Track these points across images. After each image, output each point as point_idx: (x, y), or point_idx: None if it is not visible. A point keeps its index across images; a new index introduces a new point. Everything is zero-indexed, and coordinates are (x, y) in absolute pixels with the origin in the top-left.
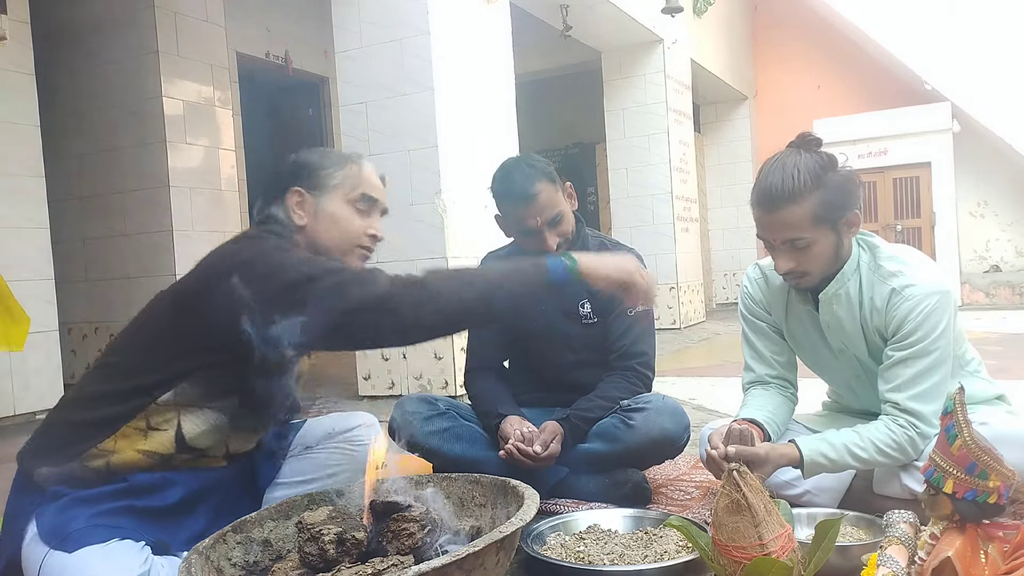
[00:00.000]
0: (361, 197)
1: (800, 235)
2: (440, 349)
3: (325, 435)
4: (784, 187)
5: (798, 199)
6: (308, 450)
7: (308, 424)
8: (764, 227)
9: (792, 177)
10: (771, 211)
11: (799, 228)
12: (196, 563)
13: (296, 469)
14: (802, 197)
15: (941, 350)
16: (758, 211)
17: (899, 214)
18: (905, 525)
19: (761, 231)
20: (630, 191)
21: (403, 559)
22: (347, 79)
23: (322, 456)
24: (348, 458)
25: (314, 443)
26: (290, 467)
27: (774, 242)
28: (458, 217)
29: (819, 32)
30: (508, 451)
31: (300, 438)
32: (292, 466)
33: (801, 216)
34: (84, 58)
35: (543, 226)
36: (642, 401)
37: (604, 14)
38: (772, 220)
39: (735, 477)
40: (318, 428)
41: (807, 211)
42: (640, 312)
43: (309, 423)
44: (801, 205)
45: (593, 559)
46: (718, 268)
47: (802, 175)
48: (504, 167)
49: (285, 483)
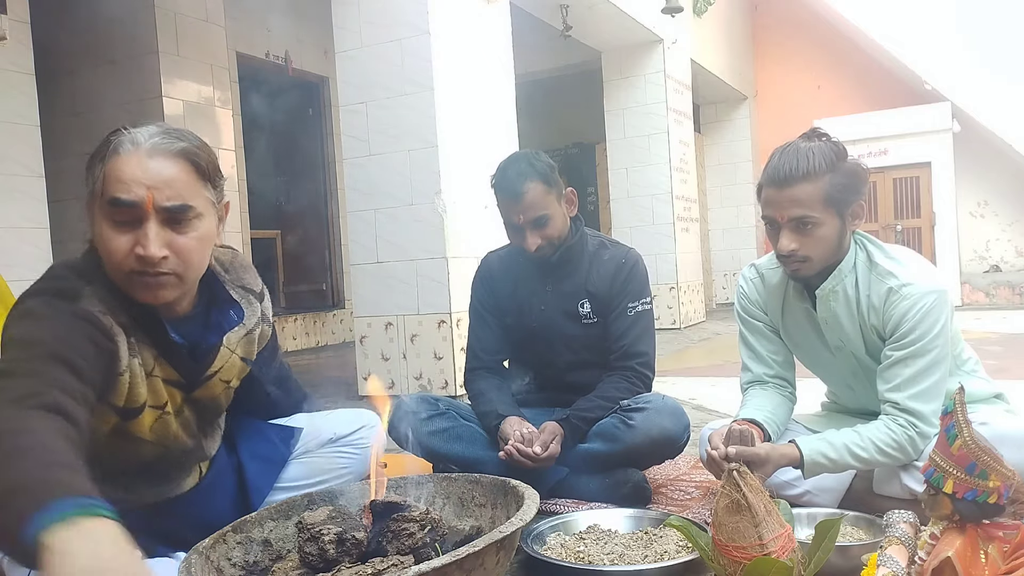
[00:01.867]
0: (109, 206)
1: (809, 213)
2: (440, 349)
3: (328, 440)
4: (800, 165)
5: (812, 178)
6: (309, 454)
7: (308, 428)
8: (774, 205)
9: (807, 158)
10: (784, 188)
11: (809, 206)
12: (196, 563)
13: (299, 473)
14: (816, 176)
15: (939, 349)
16: (769, 189)
17: (899, 214)
18: (905, 525)
19: (769, 210)
20: (630, 191)
21: (403, 559)
22: (347, 79)
23: (324, 460)
24: (352, 461)
25: (316, 448)
26: (294, 471)
27: (781, 220)
28: (458, 217)
29: (819, 32)
30: (508, 452)
31: (303, 442)
32: (295, 470)
33: (813, 194)
34: (84, 58)
35: (525, 224)
36: (642, 401)
37: (604, 14)
38: (783, 197)
39: (735, 477)
40: (321, 432)
41: (819, 190)
42: (640, 312)
43: (308, 427)
44: (814, 184)
45: (593, 559)
46: (718, 268)
47: (817, 156)
48: (506, 160)
49: (289, 487)
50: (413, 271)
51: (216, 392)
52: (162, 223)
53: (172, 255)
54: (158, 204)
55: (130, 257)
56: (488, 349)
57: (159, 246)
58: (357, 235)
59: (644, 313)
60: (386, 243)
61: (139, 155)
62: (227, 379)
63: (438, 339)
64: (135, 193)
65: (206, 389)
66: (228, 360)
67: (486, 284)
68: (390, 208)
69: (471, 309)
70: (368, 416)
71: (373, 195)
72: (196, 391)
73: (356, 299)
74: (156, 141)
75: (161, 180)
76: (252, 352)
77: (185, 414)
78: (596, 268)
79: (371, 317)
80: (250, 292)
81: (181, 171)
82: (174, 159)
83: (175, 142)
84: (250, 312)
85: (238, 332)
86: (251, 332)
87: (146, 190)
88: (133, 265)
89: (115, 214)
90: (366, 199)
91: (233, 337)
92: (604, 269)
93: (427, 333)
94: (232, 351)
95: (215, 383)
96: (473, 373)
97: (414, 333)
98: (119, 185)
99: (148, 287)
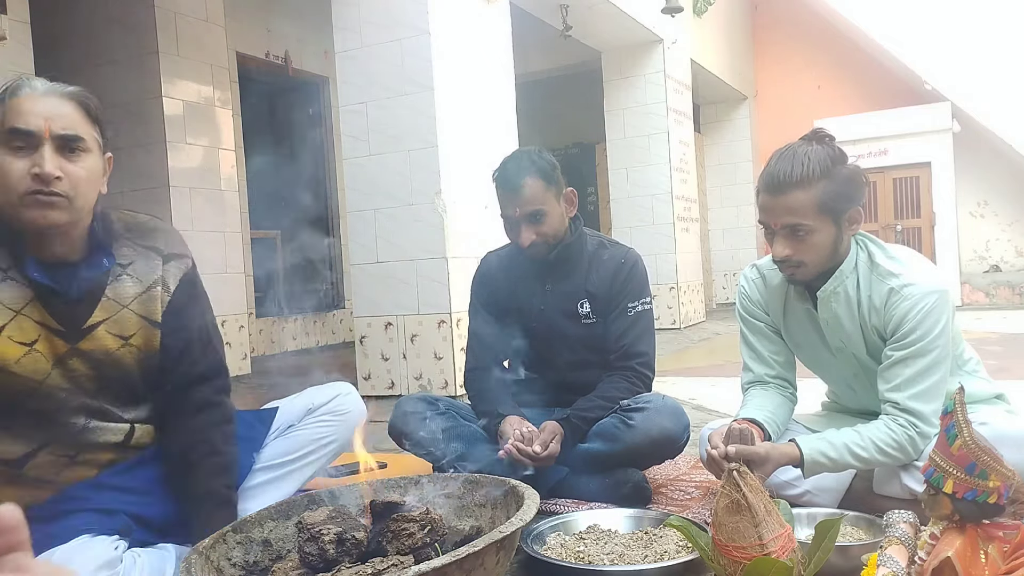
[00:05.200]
0: (9, 135)
1: (802, 221)
2: (440, 349)
3: (305, 411)
4: (794, 172)
5: (806, 185)
6: (291, 428)
7: (283, 405)
8: (768, 211)
9: (802, 164)
10: (777, 195)
11: (803, 214)
12: (196, 563)
13: (283, 448)
14: (810, 184)
15: (940, 349)
16: (764, 195)
17: (899, 214)
18: (905, 525)
19: (764, 215)
20: (630, 191)
21: (403, 559)
22: (347, 79)
23: (308, 432)
24: (334, 428)
25: (296, 420)
26: (278, 447)
27: (775, 226)
28: (458, 217)
29: (819, 32)
30: (508, 451)
31: (281, 419)
32: (279, 446)
33: (806, 202)
34: (84, 58)
35: (521, 218)
36: (642, 401)
37: (604, 14)
38: (777, 204)
39: (735, 477)
40: (296, 406)
41: (813, 198)
42: (640, 312)
43: (284, 404)
44: (808, 192)
45: (593, 559)
46: (718, 268)
47: (812, 163)
48: (509, 155)
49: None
50: (413, 271)
51: (108, 346)
52: (56, 150)
53: (65, 178)
54: (53, 132)
55: (26, 178)
56: (488, 349)
57: (54, 166)
58: (357, 235)
59: (644, 313)
60: (386, 243)
61: (36, 94)
62: (122, 335)
63: (438, 339)
64: (33, 123)
65: (92, 340)
66: (118, 313)
67: (486, 284)
68: (390, 208)
69: (471, 309)
70: (341, 385)
71: (373, 195)
72: (81, 342)
73: (356, 299)
74: (51, 85)
75: (56, 113)
76: (154, 313)
77: (72, 364)
78: (596, 268)
79: (371, 317)
80: (150, 250)
81: (73, 110)
82: (67, 99)
83: (67, 87)
84: (145, 268)
85: (128, 287)
86: (150, 290)
87: (43, 121)
88: (29, 185)
89: (14, 141)
90: (366, 199)
91: (122, 290)
92: (604, 269)
93: (427, 333)
94: (123, 305)
95: (102, 335)
96: (473, 373)
97: (414, 333)
98: (19, 117)
99: (40, 205)
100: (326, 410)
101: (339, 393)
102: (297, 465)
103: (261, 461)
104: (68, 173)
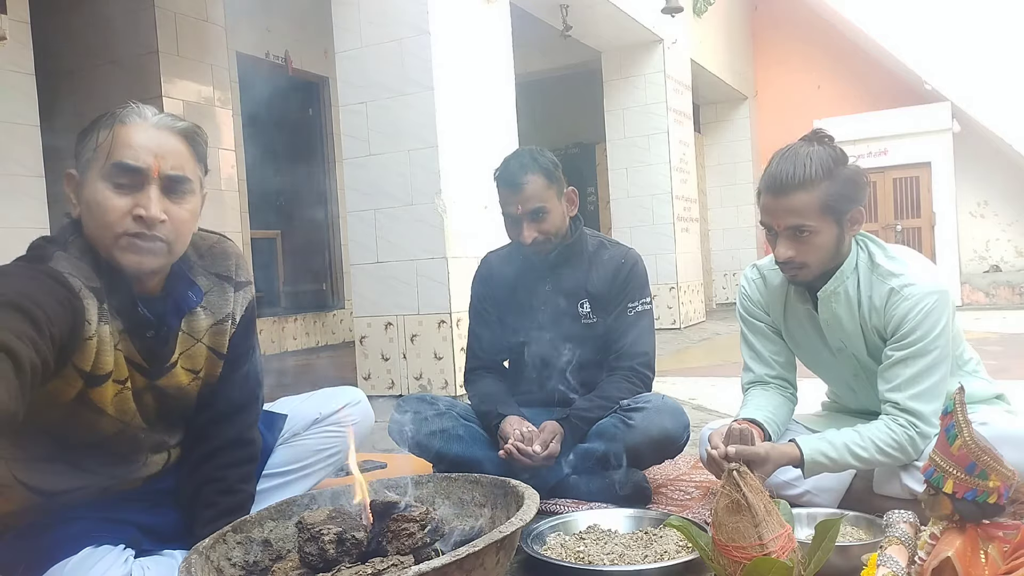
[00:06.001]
0: (114, 169)
1: (805, 222)
2: (440, 349)
3: (312, 420)
4: (796, 173)
5: (808, 186)
6: (296, 437)
7: (293, 410)
8: (770, 212)
9: (804, 165)
10: (779, 196)
11: (805, 215)
12: (196, 563)
13: (288, 457)
14: (812, 185)
15: (940, 349)
16: (766, 196)
17: (899, 214)
18: (905, 525)
19: (766, 217)
20: (630, 191)
21: (403, 559)
22: (347, 79)
23: (313, 441)
24: (339, 440)
25: (302, 429)
26: (282, 455)
27: (778, 228)
28: (458, 217)
29: (819, 32)
30: (508, 450)
31: (288, 427)
32: (283, 455)
33: (809, 203)
34: (84, 58)
35: (523, 216)
36: (642, 401)
37: (604, 14)
38: (779, 205)
39: (735, 477)
40: (304, 413)
41: (815, 199)
42: (640, 312)
43: (293, 410)
44: (810, 192)
45: (593, 559)
46: (718, 268)
47: (814, 164)
48: (510, 154)
49: (277, 472)
50: (413, 271)
51: (182, 382)
52: (161, 191)
53: (168, 222)
54: (162, 171)
55: (127, 218)
56: (488, 349)
57: (159, 210)
58: (357, 235)
59: (644, 313)
60: (386, 243)
61: (146, 126)
62: (194, 369)
63: (438, 339)
64: (143, 159)
65: (170, 378)
66: (192, 347)
67: (486, 284)
68: (390, 208)
69: (471, 309)
70: (352, 393)
71: (373, 195)
72: (160, 379)
73: (356, 299)
74: (162, 117)
75: (166, 151)
76: (222, 345)
77: (146, 399)
78: (596, 268)
79: (371, 317)
80: (224, 280)
81: (184, 148)
82: (177, 135)
83: (178, 121)
84: (220, 301)
85: (203, 320)
86: (221, 323)
87: (153, 157)
88: (129, 226)
89: (118, 176)
90: (366, 199)
91: (197, 324)
92: (604, 269)
93: (427, 333)
94: (197, 339)
95: (179, 372)
96: (473, 373)
97: (414, 333)
98: (127, 150)
99: (138, 250)
100: (333, 420)
101: (348, 403)
102: (300, 474)
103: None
104: (172, 216)
